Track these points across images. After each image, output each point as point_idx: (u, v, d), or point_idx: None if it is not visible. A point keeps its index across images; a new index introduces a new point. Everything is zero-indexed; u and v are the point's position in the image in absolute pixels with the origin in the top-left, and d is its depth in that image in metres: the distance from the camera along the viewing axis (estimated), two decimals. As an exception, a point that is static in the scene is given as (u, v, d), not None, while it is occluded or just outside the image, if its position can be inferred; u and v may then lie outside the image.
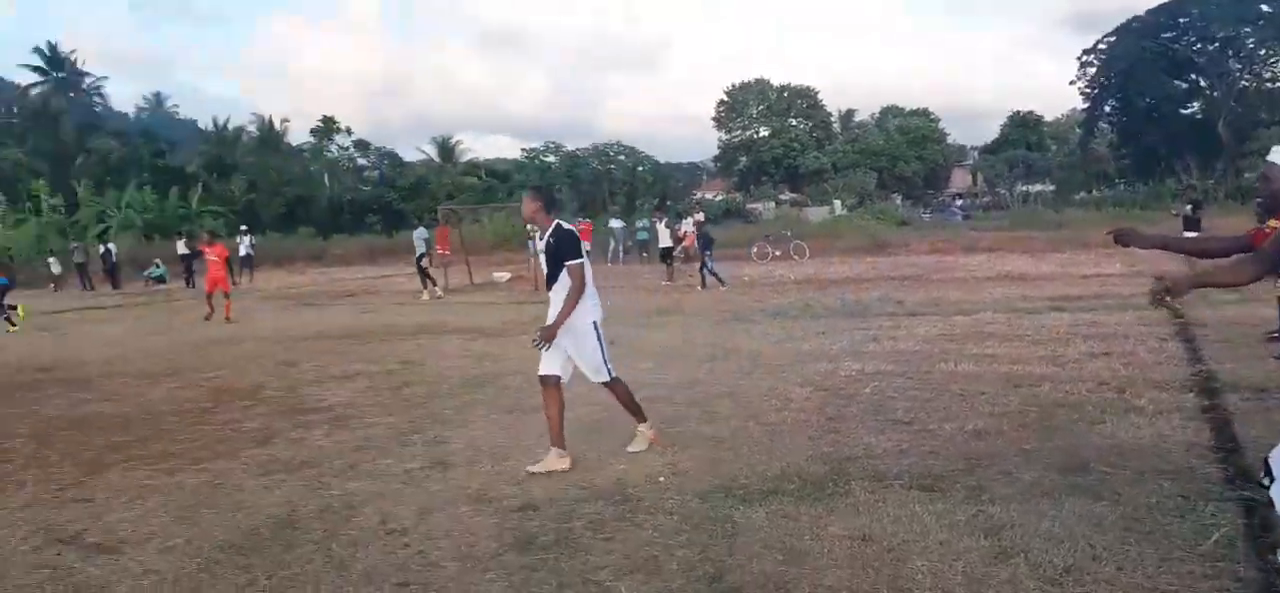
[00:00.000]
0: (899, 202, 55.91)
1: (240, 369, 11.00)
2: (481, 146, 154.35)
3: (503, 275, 23.11)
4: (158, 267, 29.10)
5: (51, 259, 29.82)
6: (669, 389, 8.48)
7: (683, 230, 27.19)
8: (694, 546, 4.54)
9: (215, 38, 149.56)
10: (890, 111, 73.80)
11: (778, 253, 28.20)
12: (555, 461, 6.09)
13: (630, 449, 6.37)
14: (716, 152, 74.69)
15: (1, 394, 10.00)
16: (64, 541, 5.12)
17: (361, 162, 67.68)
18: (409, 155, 75.85)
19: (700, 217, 29.97)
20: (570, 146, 61.66)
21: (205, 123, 75.98)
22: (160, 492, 6.01)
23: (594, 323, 6.19)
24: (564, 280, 6.05)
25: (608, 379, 6.29)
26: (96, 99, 77.51)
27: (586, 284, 6.04)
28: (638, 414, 6.46)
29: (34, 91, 69.50)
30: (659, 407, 7.71)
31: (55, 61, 69.66)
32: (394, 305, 18.73)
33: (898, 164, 65.04)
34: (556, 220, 6.11)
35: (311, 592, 4.26)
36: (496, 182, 57.42)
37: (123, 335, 15.26)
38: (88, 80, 74.28)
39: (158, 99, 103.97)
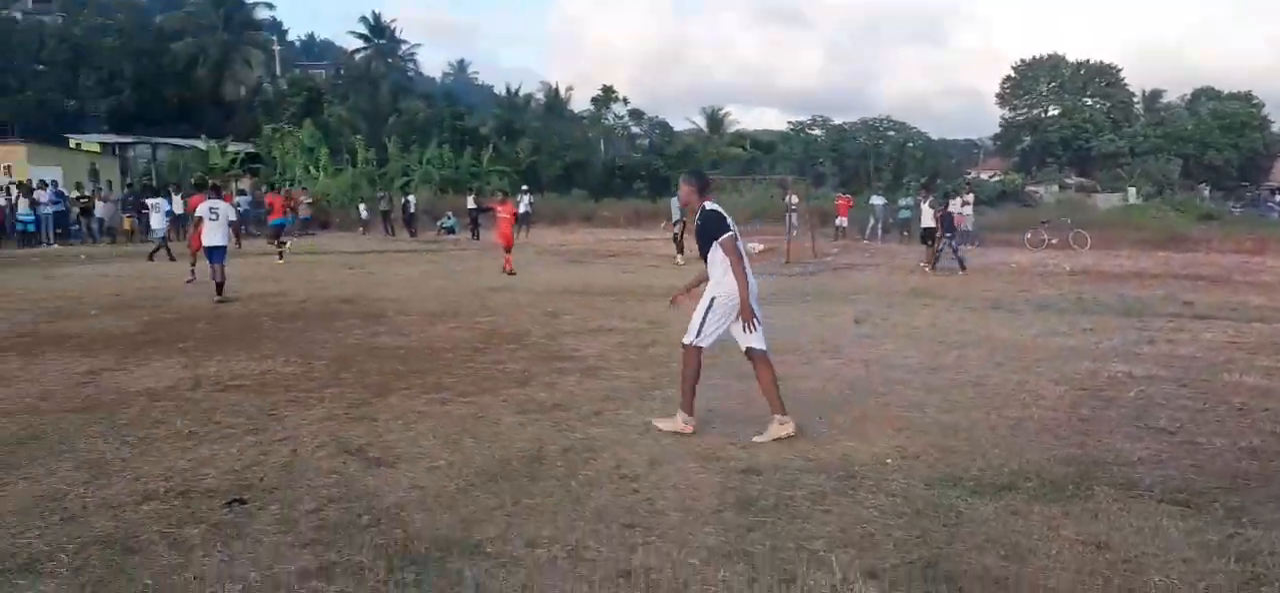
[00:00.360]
0: (1206, 193, 50.04)
1: (510, 316, 11.92)
2: (749, 119, 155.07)
3: (754, 246, 23.16)
4: (449, 218, 31.89)
5: (361, 206, 33.59)
6: (909, 373, 8.30)
7: (950, 211, 26.06)
8: (913, 529, 4.49)
9: (516, 10, 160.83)
10: (1204, 94, 65.95)
11: (1054, 241, 26.29)
12: (777, 428, 6.19)
13: (659, 424, 6.41)
14: (997, 129, 70.33)
15: (314, 321, 11.48)
16: (349, 451, 5.88)
17: (634, 130, 70.12)
18: (679, 125, 77.78)
19: (969, 197, 28.51)
20: (838, 120, 60.66)
21: (500, 89, 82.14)
22: (431, 418, 6.71)
23: (712, 297, 6.27)
24: (721, 262, 6.13)
25: (689, 341, 6.37)
26: (409, 65, 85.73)
27: (742, 254, 6.10)
28: (688, 403, 6.36)
29: (358, 56, 77.97)
30: (897, 390, 7.58)
31: (378, 29, 77.60)
32: (650, 267, 19.43)
33: (1207, 152, 58.09)
34: (705, 203, 6.24)
35: (549, 521, 4.64)
36: (760, 153, 57.46)
37: (414, 277, 16.95)
38: (403, 47, 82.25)
39: (461, 66, 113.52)
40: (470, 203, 31.05)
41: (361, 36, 77.85)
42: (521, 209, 29.71)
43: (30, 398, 7.17)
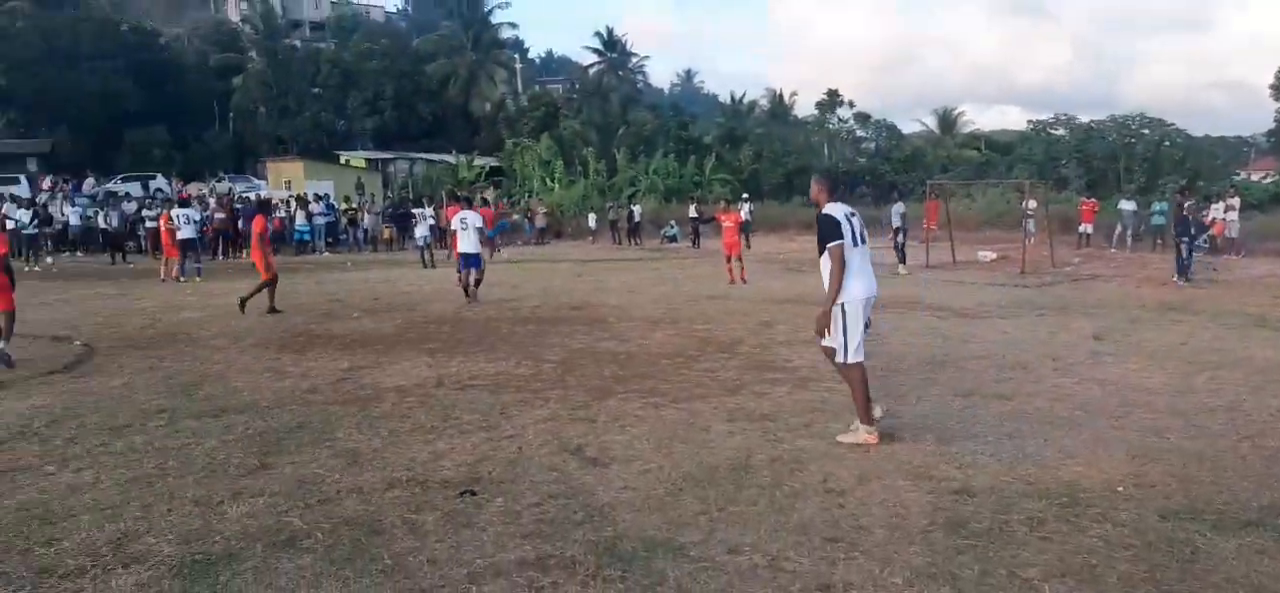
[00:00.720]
0: None
1: (724, 324, 12.06)
2: (985, 119, 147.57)
3: (987, 254, 22.07)
4: (672, 227, 32.56)
5: (591, 216, 34.96)
6: (1151, 395, 7.66)
7: (1211, 217, 23.61)
8: (1141, 563, 4.18)
9: (742, 17, 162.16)
10: None
11: (1340, 250, 23.17)
12: (863, 436, 6.23)
13: (841, 439, 6.31)
14: (1271, 125, 62.68)
15: (545, 325, 12.12)
16: (569, 450, 6.20)
17: (860, 134, 68.56)
18: (908, 128, 75.16)
19: (1233, 201, 25.68)
20: (1084, 118, 56.32)
21: (724, 97, 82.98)
22: (645, 421, 6.94)
23: (841, 305, 6.21)
24: (825, 262, 6.23)
25: (842, 361, 6.26)
26: (638, 77, 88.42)
27: (846, 264, 6.12)
28: (865, 414, 6.27)
29: (592, 71, 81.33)
30: (1136, 413, 7.03)
31: (610, 44, 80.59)
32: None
33: None
34: (827, 204, 6.35)
35: (752, 529, 4.70)
36: (996, 155, 54.36)
37: (636, 285, 17.47)
38: (634, 60, 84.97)
39: (687, 75, 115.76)
40: (691, 211, 31.55)
41: (595, 51, 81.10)
42: (743, 217, 29.78)
43: (300, 391, 8.07)
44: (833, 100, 66.42)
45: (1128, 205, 27.55)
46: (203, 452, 6.14)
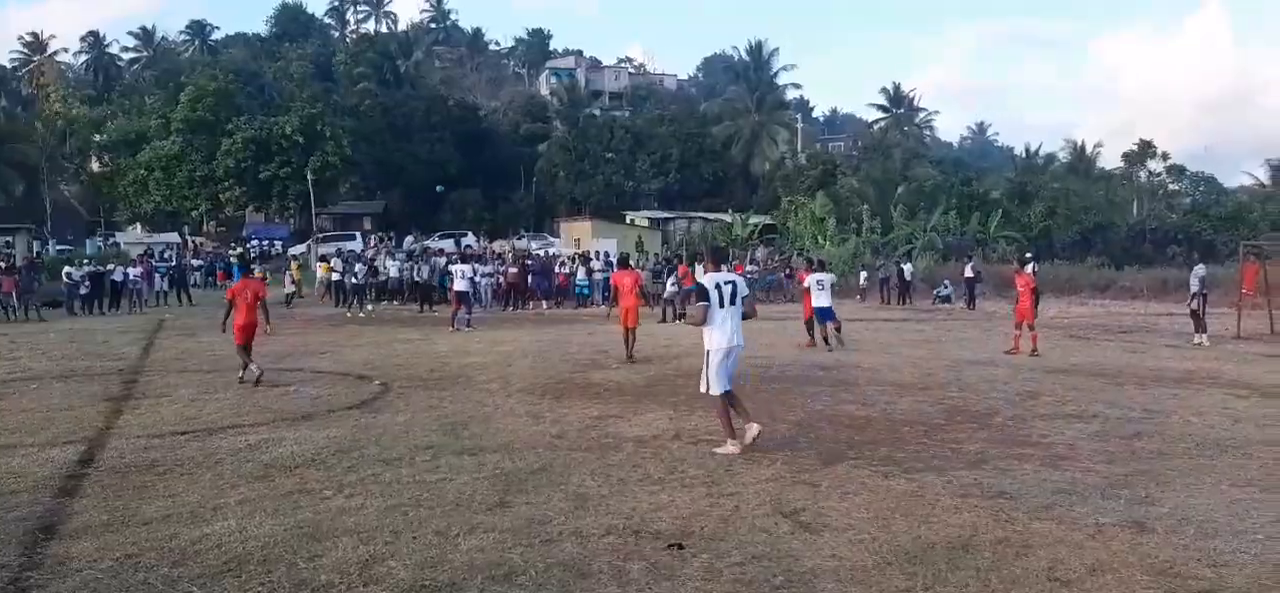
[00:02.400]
0: None
1: (982, 393, 11.36)
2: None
3: (1316, 329, 19.05)
4: (945, 286, 31.09)
5: (861, 273, 34.19)
6: None
7: None
8: None
9: (1044, 65, 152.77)
10: None
11: None
12: (729, 447, 7.75)
13: (715, 451, 7.79)
14: None
15: (790, 383, 12.09)
16: (784, 513, 6.17)
17: (1173, 187, 62.04)
18: (1232, 181, 66.91)
19: None
20: None
21: (1019, 150, 78.45)
22: (871, 491, 6.75)
23: (707, 351, 7.87)
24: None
25: (703, 391, 8.03)
26: (925, 131, 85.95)
27: (710, 320, 7.79)
28: (728, 430, 7.86)
29: (876, 126, 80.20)
30: None
31: (897, 99, 79.18)
32: (1167, 346, 17.02)
33: None
34: (706, 274, 8.32)
35: (955, 614, 4.46)
36: (1344, 211, 46.94)
37: (896, 346, 16.89)
38: (921, 115, 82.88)
39: (980, 129, 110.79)
40: (968, 271, 29.95)
41: (880, 107, 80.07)
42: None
43: (550, 436, 8.65)
44: (1143, 151, 61.05)
45: None
46: (454, 487, 6.77)
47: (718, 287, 7.76)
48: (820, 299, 16.49)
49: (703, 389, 7.93)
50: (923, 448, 8.20)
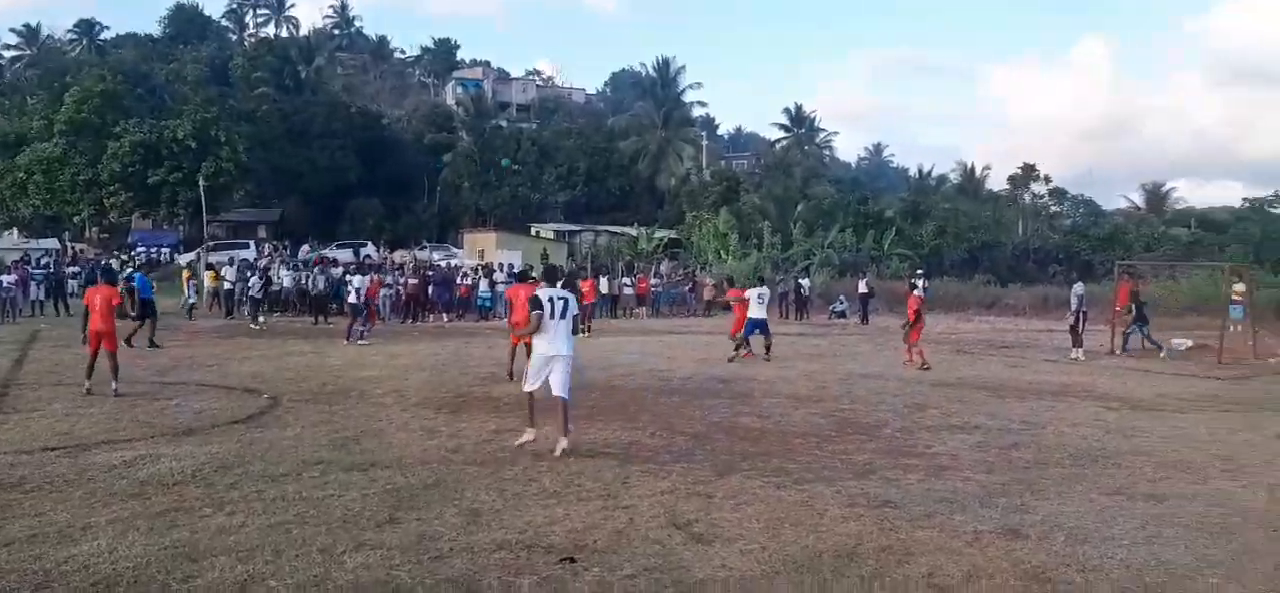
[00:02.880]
0: None
1: (872, 405, 11.68)
2: (1201, 196, 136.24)
3: (1182, 342, 20.17)
4: (841, 302, 31.86)
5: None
6: None
7: None
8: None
9: (937, 91, 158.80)
10: None
11: None
12: (527, 434, 8.62)
13: (515, 442, 8.58)
14: None
15: (689, 397, 12.17)
16: (678, 525, 6.20)
17: (1055, 209, 65.02)
18: (1112, 204, 70.62)
19: None
20: (1315, 195, 51.11)
21: (913, 172, 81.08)
22: (763, 502, 6.84)
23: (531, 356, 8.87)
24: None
25: (522, 387, 8.96)
26: (825, 151, 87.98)
27: (541, 329, 8.58)
28: (530, 420, 8.77)
29: (778, 146, 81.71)
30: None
31: (798, 120, 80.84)
32: (1046, 360, 17.82)
33: None
34: (539, 290, 9.07)
35: (839, 621, 4.55)
36: (1208, 235, 50.10)
37: (791, 358, 17.22)
38: (821, 136, 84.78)
39: (876, 150, 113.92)
40: (862, 287, 30.79)
41: (783, 127, 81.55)
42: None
43: (446, 450, 8.49)
44: (1027, 175, 63.65)
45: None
46: (342, 503, 6.58)
47: (551, 301, 8.64)
48: (758, 311, 17.38)
49: (523, 386, 8.91)
50: (814, 459, 8.37)
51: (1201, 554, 5.59)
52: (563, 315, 8.66)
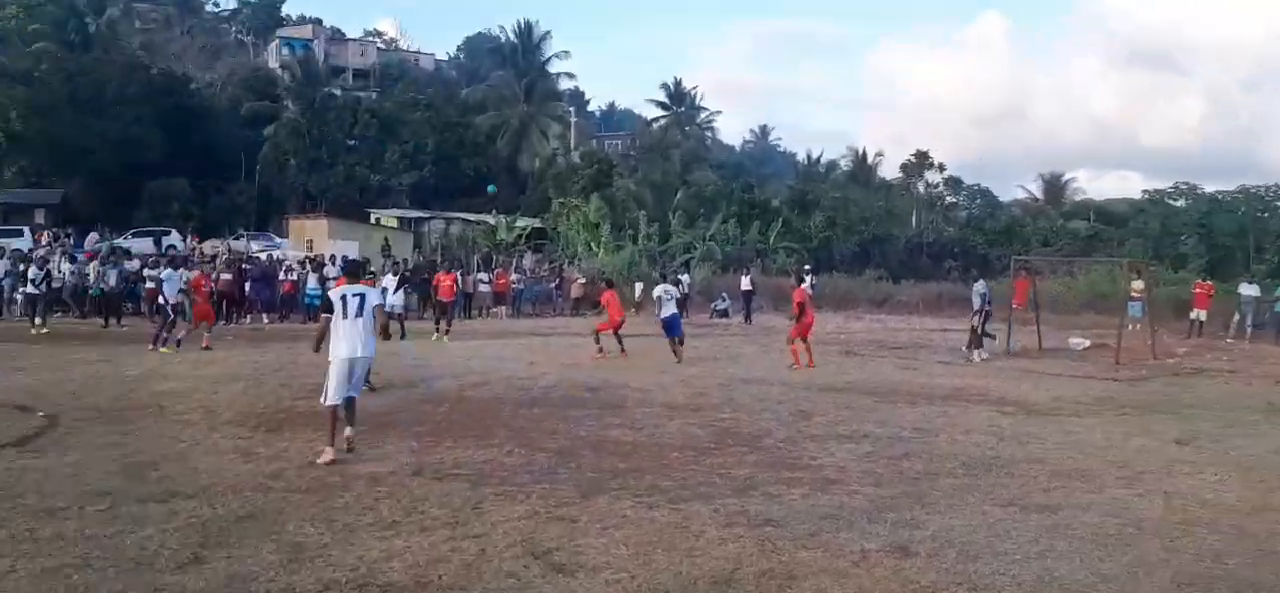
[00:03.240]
0: None
1: (755, 413, 11.97)
2: (1100, 186, 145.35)
3: (1080, 342, 21.54)
4: (723, 301, 32.50)
5: (637, 285, 35.03)
6: (1221, 512, 7.41)
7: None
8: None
9: (827, 70, 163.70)
10: None
11: None
12: (327, 455, 8.68)
13: (316, 461, 8.63)
14: None
15: (553, 408, 12.15)
16: (536, 554, 6.18)
17: (950, 200, 68.20)
18: (1010, 194, 74.54)
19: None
20: (1209, 187, 55.22)
21: (802, 157, 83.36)
22: (633, 525, 6.90)
23: (331, 362, 9.06)
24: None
25: (322, 401, 9.16)
26: (707, 132, 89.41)
27: (334, 332, 9.05)
28: (331, 439, 8.90)
29: (655, 125, 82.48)
30: (1197, 534, 6.78)
31: (677, 97, 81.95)
32: (939, 363, 18.66)
33: None
34: (339, 288, 9.40)
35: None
36: (1108, 228, 53.49)
37: (669, 364, 17.46)
38: (703, 115, 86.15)
39: (762, 132, 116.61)
40: (745, 283, 31.47)
41: (661, 104, 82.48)
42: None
43: (263, 476, 8.20)
44: (921, 162, 66.40)
45: (1249, 290, 26.67)
46: (135, 542, 6.26)
47: (344, 299, 8.99)
48: (668, 309, 18.29)
49: (322, 399, 9.09)
50: (690, 475, 8.50)
51: (1096, 569, 5.96)
52: (359, 315, 8.99)
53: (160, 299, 19.32)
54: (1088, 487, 8.27)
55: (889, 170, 70.58)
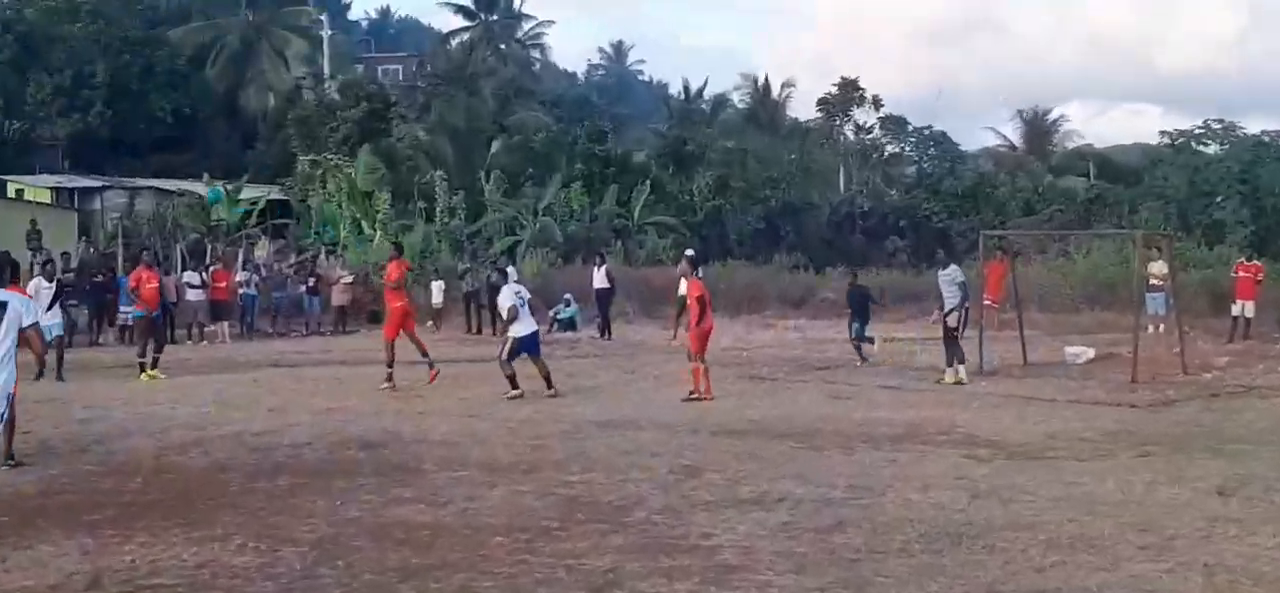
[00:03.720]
0: None
1: (618, 472, 12.04)
2: (1101, 125, 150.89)
3: (1080, 352, 22.45)
4: (567, 305, 32.56)
5: (434, 285, 34.77)
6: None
7: None
8: None
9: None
10: None
11: None
12: None
13: None
14: None
15: (309, 476, 11.98)
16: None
17: (892, 149, 70.13)
18: (973, 141, 77.09)
19: None
20: (1254, 126, 58.28)
21: (676, 88, 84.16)
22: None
23: None
24: None
25: None
26: (533, 52, 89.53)
27: None
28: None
29: (454, 41, 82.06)
30: None
31: (487, 1, 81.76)
32: (884, 388, 19.17)
33: None
34: None
35: None
36: (1113, 186, 55.96)
37: (489, 403, 17.39)
38: (526, 27, 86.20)
39: (617, 52, 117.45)
40: (599, 279, 31.58)
41: (462, 10, 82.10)
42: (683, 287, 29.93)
43: None
44: (848, 96, 67.86)
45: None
46: None
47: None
48: (523, 325, 18.57)
49: None
50: (523, 568, 8.48)
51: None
52: None
53: None
54: (1098, 561, 8.57)
55: (803, 108, 72.24)
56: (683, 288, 19.78)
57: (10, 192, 45.40)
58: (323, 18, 71.05)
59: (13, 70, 55.24)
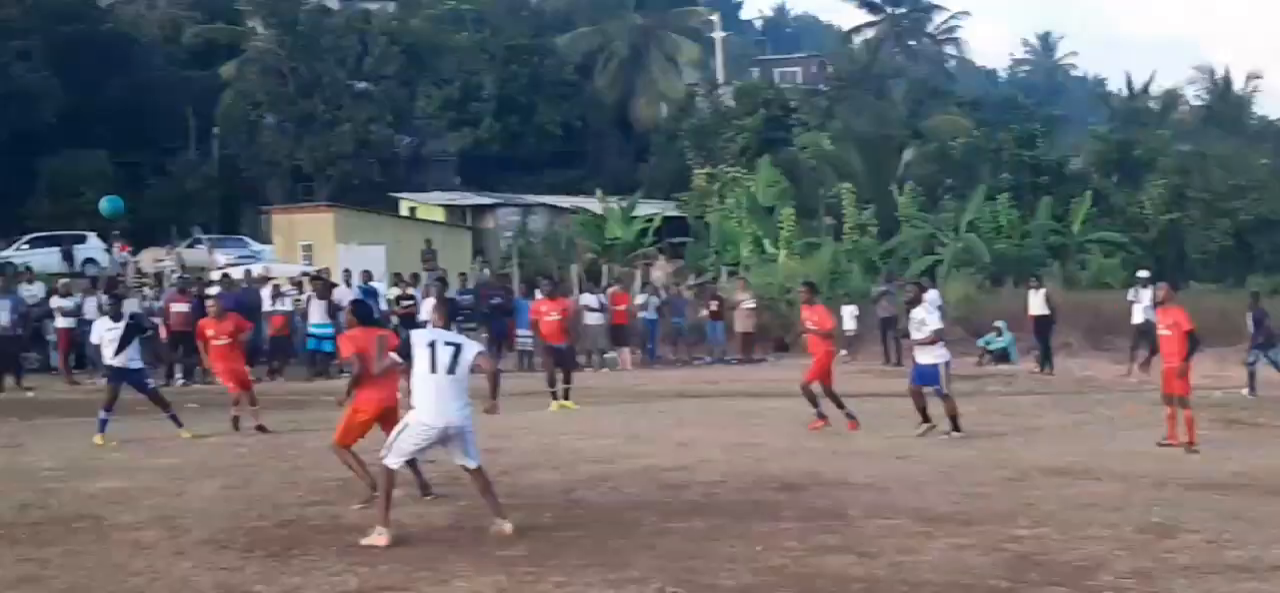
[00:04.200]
0: None
1: (1074, 528, 11.73)
2: None
3: None
4: (999, 334, 31.96)
5: (846, 309, 34.60)
6: None
7: None
8: None
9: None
10: None
11: None
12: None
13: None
14: None
15: (725, 517, 12.24)
16: None
17: None
18: None
19: None
20: None
21: (1116, 84, 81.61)
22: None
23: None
24: None
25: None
26: (948, 50, 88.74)
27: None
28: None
29: (858, 40, 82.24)
30: None
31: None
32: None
33: None
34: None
35: None
36: None
37: (913, 444, 17.33)
38: (939, 20, 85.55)
39: (1044, 45, 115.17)
40: (1037, 304, 30.87)
41: (865, 4, 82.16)
42: (1140, 317, 28.98)
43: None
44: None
45: None
46: None
47: (432, 347, 10.71)
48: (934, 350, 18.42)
49: (383, 455, 11.14)
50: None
51: None
52: (453, 370, 10.87)
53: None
54: None
55: (1274, 105, 68.74)
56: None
57: (403, 209, 47.85)
58: (714, 18, 72.27)
59: (400, 84, 58.11)
